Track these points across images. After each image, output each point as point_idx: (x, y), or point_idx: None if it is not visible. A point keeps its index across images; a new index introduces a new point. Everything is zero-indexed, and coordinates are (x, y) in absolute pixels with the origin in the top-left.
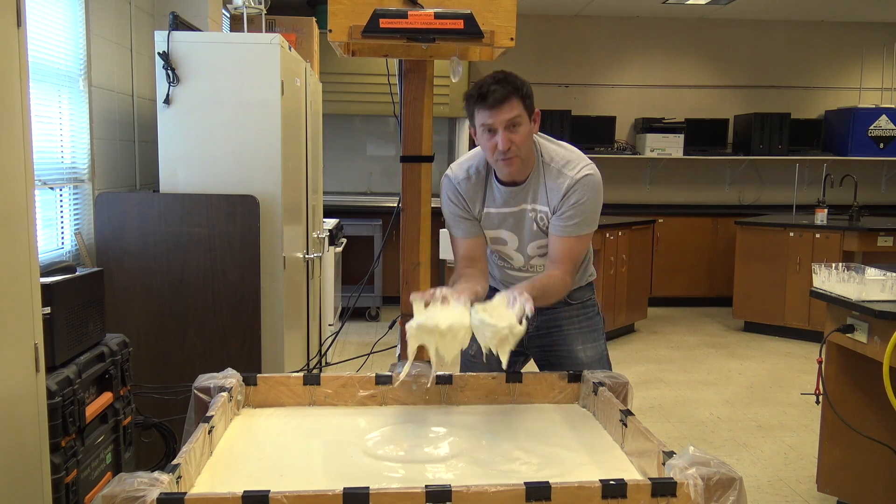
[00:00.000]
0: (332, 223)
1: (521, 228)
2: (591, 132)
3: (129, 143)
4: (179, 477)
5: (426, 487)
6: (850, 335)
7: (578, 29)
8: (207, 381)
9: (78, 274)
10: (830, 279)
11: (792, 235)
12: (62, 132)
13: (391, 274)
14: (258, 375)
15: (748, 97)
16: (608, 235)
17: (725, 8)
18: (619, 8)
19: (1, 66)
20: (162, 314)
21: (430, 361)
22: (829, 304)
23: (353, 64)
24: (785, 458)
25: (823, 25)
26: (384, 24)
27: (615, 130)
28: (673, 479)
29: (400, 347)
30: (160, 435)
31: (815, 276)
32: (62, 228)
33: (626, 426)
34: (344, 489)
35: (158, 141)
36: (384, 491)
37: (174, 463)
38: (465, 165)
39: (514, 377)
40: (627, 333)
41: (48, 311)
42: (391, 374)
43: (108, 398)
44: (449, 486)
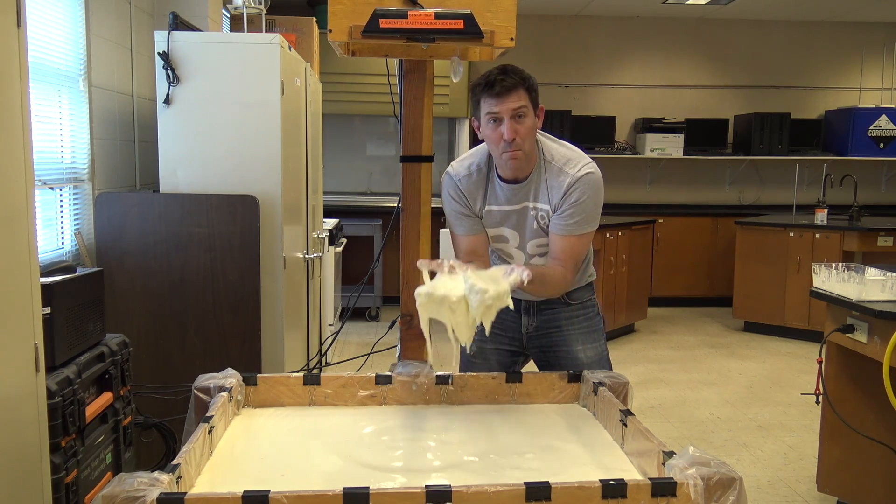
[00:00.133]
0: (332, 223)
1: (523, 226)
2: (591, 132)
3: (129, 143)
4: (179, 477)
5: (426, 487)
6: (850, 335)
7: (578, 29)
8: (207, 381)
9: (78, 274)
10: (830, 279)
11: (792, 235)
12: (62, 132)
13: (391, 274)
14: (258, 375)
15: (748, 97)
16: (608, 235)
17: (725, 8)
18: (619, 8)
19: (1, 66)
20: (162, 314)
21: (429, 362)
22: (829, 304)
23: (353, 64)
24: (785, 458)
25: (823, 25)
26: (384, 24)
27: (615, 130)
28: (673, 479)
29: (400, 347)
30: (160, 435)
31: (815, 276)
32: (62, 228)
33: (626, 426)
34: (344, 489)
35: (158, 141)
36: (384, 491)
37: (174, 463)
38: (465, 163)
39: (514, 377)
40: (627, 333)
41: (48, 311)
42: (391, 374)
43: (108, 398)
44: (449, 485)
